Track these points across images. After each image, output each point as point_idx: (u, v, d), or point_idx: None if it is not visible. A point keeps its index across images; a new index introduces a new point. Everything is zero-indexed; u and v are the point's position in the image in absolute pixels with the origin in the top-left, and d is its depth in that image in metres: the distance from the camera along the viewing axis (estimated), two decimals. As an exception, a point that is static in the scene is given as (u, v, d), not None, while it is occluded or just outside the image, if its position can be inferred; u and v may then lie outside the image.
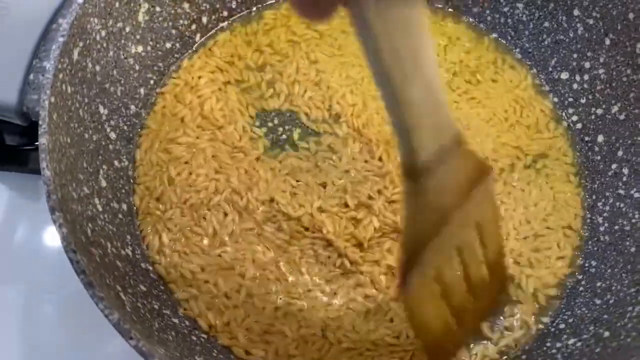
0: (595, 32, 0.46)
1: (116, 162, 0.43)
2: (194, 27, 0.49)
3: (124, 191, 0.43)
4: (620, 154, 0.45)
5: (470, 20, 0.52)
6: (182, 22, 0.48)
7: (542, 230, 0.44)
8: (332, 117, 0.47)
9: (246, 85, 0.48)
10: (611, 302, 0.39)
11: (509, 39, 0.52)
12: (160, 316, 0.37)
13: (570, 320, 0.40)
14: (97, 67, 0.41)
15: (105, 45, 0.42)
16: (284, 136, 0.46)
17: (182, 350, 0.36)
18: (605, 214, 0.44)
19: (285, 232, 0.42)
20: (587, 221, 0.45)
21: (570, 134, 0.48)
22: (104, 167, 0.41)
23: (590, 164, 0.47)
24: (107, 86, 0.42)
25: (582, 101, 0.48)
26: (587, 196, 0.46)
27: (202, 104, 0.47)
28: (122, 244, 0.39)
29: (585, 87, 0.48)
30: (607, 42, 0.46)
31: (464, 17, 0.53)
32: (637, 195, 0.43)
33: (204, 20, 0.50)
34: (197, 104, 0.47)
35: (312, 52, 0.49)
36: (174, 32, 0.48)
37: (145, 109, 0.46)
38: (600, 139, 0.46)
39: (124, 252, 0.39)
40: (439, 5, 0.53)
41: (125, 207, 0.42)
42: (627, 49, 0.44)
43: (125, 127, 0.44)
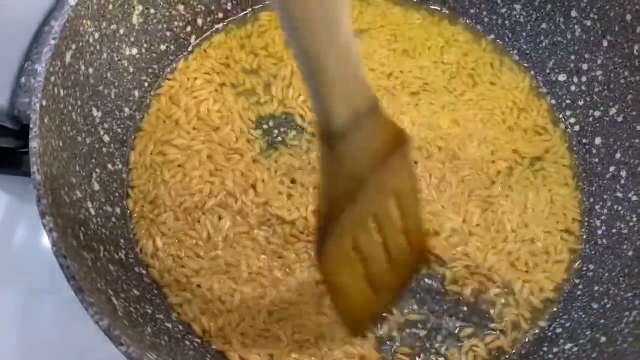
0: (592, 33, 0.46)
1: (109, 165, 0.42)
2: (188, 29, 0.49)
3: (117, 194, 0.42)
4: (618, 156, 0.44)
5: (467, 21, 0.52)
6: (176, 24, 0.48)
7: (540, 233, 0.43)
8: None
9: (242, 88, 0.48)
10: (608, 306, 0.39)
11: (507, 40, 0.51)
12: (153, 320, 0.37)
13: (567, 324, 0.40)
14: (90, 70, 0.41)
15: (98, 47, 0.41)
16: (279, 138, 0.46)
17: (175, 355, 0.35)
18: (602, 217, 0.44)
19: (279, 236, 0.42)
20: (585, 224, 0.44)
21: (567, 136, 0.48)
22: (97, 170, 0.41)
23: (587, 167, 0.46)
24: (101, 89, 0.42)
25: (580, 103, 0.47)
26: (585, 199, 0.45)
27: (199, 105, 0.46)
28: (115, 247, 0.39)
29: (583, 89, 0.47)
30: (605, 43, 0.45)
31: (461, 18, 0.52)
32: (634, 198, 0.42)
33: (199, 22, 0.49)
34: (192, 105, 0.47)
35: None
36: (168, 34, 0.48)
37: (139, 112, 0.46)
38: (597, 141, 0.46)
39: (117, 256, 0.39)
40: (435, 6, 0.52)
41: (118, 210, 0.42)
42: (625, 51, 0.44)
43: (119, 130, 0.44)
